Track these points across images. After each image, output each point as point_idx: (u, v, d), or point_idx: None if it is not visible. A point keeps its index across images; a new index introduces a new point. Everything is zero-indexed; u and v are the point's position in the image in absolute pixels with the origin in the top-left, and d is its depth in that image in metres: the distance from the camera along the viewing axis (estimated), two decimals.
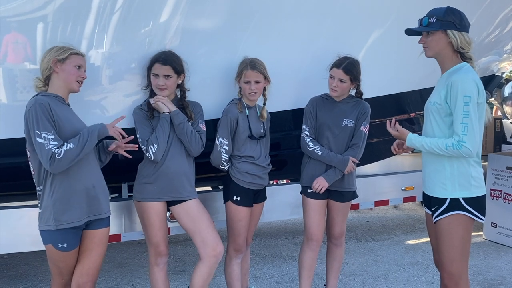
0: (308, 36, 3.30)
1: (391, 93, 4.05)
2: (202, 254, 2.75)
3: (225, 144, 2.89)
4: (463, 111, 2.27)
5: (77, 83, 2.37)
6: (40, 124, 2.19)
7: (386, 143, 4.69)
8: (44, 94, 2.32)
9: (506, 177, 4.63)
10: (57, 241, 2.27)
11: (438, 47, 2.40)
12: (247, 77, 2.86)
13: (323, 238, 3.17)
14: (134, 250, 4.61)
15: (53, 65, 2.32)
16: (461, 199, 2.36)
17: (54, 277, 2.42)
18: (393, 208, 6.29)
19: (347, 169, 2.99)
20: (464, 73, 2.32)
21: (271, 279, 3.89)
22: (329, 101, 3.08)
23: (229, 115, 2.88)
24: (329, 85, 3.00)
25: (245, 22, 3.06)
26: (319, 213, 3.11)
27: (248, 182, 2.96)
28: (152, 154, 2.65)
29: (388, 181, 4.55)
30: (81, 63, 2.38)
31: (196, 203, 2.81)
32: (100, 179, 2.44)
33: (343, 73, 2.94)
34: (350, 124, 3.02)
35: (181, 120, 2.71)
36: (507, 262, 4.21)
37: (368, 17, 3.52)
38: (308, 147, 3.04)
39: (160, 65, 2.67)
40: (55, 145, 2.18)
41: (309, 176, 3.08)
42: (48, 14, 2.60)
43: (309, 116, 3.09)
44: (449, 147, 2.31)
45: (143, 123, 2.72)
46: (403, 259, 4.32)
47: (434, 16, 2.38)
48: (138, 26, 2.80)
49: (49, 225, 2.26)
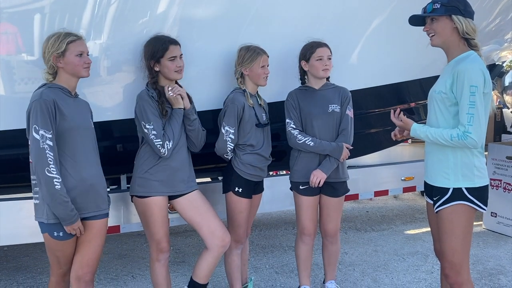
0: (307, 24, 3.26)
1: (390, 82, 4.03)
2: (210, 245, 2.71)
3: (231, 133, 2.85)
4: (469, 101, 2.23)
5: (85, 70, 2.34)
6: (40, 120, 2.17)
7: (386, 133, 4.70)
8: (51, 86, 2.30)
9: (506, 167, 4.62)
10: (52, 230, 2.26)
11: (444, 33, 2.35)
12: (264, 62, 2.87)
13: (317, 230, 3.16)
14: (134, 242, 4.61)
15: (55, 62, 2.29)
16: (464, 189, 2.35)
17: (53, 266, 2.42)
18: (392, 198, 6.29)
19: (342, 156, 2.93)
20: (471, 62, 2.28)
21: (271, 269, 3.90)
22: (308, 91, 3.03)
23: (236, 103, 2.84)
24: (318, 68, 2.93)
25: (243, 12, 3.03)
26: (312, 208, 3.08)
27: (251, 174, 2.94)
28: (166, 150, 2.58)
29: (388, 171, 4.54)
30: (82, 49, 2.33)
31: (199, 194, 2.79)
32: (98, 173, 2.41)
33: (329, 49, 2.95)
34: (337, 109, 2.97)
35: (196, 116, 2.67)
36: (506, 251, 4.22)
37: (368, 6, 3.48)
38: (298, 140, 2.95)
39: (175, 46, 2.61)
40: (49, 146, 2.17)
41: (303, 171, 3.00)
42: (45, 5, 2.58)
43: (291, 109, 3.01)
44: (454, 138, 2.28)
45: (155, 114, 2.58)
46: (402, 249, 4.33)
47: (438, 2, 2.34)
48: (135, 16, 2.77)
49: (43, 218, 2.26)
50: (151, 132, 2.57)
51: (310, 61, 2.96)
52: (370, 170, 4.40)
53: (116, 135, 3.16)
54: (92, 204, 2.35)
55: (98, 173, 2.41)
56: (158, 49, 2.59)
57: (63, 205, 2.19)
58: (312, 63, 2.95)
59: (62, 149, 2.26)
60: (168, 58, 2.59)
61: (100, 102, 2.85)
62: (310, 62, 2.96)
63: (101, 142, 2.90)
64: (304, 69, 3.02)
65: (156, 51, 2.59)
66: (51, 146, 2.18)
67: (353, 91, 3.19)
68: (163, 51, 2.59)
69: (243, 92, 2.91)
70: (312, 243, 3.16)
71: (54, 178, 2.17)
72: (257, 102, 2.98)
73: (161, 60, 2.60)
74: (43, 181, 2.18)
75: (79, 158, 2.31)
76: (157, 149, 2.58)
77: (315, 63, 2.94)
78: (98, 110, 2.68)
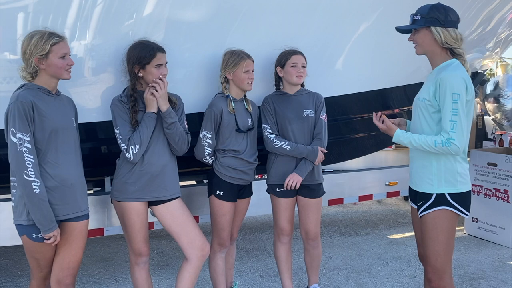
0: (295, 31, 3.28)
1: (374, 88, 4.07)
2: (190, 255, 2.68)
3: (208, 138, 2.86)
4: (452, 109, 2.28)
5: (66, 72, 2.30)
6: (17, 123, 2.14)
7: (370, 138, 4.75)
8: (30, 87, 2.26)
9: (487, 173, 4.70)
10: (31, 232, 2.22)
11: (425, 43, 2.42)
12: (247, 66, 2.86)
13: (293, 230, 3.19)
14: (117, 245, 4.55)
15: (37, 64, 2.24)
16: (447, 195, 2.38)
17: (33, 270, 2.37)
18: (376, 203, 6.34)
19: (317, 159, 2.99)
20: (452, 70, 2.33)
21: (256, 273, 3.89)
22: (284, 96, 3.08)
23: (213, 109, 2.85)
24: (292, 75, 2.99)
25: (230, 16, 3.03)
26: (289, 210, 3.12)
27: (232, 176, 2.94)
28: (132, 155, 2.53)
29: (372, 176, 4.58)
30: (65, 51, 2.28)
31: (179, 203, 2.73)
32: (79, 174, 2.38)
33: (303, 57, 3.01)
34: (311, 114, 3.03)
35: (174, 119, 2.60)
36: (487, 256, 4.29)
37: (355, 13, 3.52)
38: (274, 145, 2.99)
39: (162, 54, 2.59)
40: (27, 149, 2.13)
41: (280, 174, 3.04)
42: (29, 3, 2.54)
43: (267, 114, 3.05)
44: (438, 144, 2.31)
45: (123, 118, 2.56)
46: (386, 253, 4.37)
47: (418, 14, 2.42)
48: (121, 18, 2.75)
49: (22, 220, 2.22)
50: (118, 137, 2.57)
51: (285, 67, 3.02)
52: (355, 174, 4.44)
53: (100, 137, 3.13)
54: (72, 205, 2.31)
55: (79, 173, 2.38)
56: (145, 55, 2.54)
57: (41, 209, 2.16)
58: (287, 69, 3.01)
59: (42, 150, 2.23)
60: (154, 65, 2.56)
61: (85, 103, 2.82)
62: (285, 68, 3.02)
63: (85, 143, 2.88)
64: (280, 75, 3.07)
65: (142, 57, 2.55)
66: (30, 148, 2.15)
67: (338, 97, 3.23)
68: (150, 58, 2.55)
69: (226, 97, 2.91)
70: (290, 243, 3.20)
71: (33, 181, 2.13)
72: (244, 107, 2.98)
73: (147, 67, 2.56)
74: (21, 184, 2.14)
75: (60, 158, 2.28)
76: (124, 154, 2.57)
77: (289, 70, 3.00)
78: (82, 111, 2.65)
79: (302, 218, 3.15)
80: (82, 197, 2.37)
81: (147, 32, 2.72)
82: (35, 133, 2.20)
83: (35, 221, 2.18)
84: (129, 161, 2.58)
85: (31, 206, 2.15)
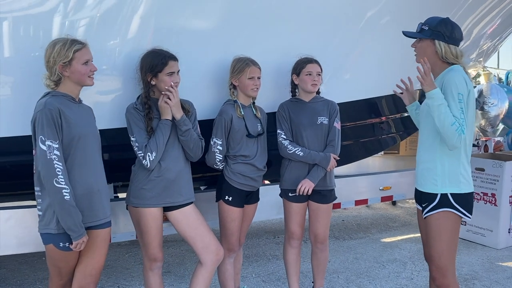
0: (294, 39, 3.38)
1: (366, 97, 4.21)
2: (205, 260, 2.72)
3: (218, 145, 2.92)
4: (459, 108, 2.40)
5: (89, 78, 2.33)
6: (46, 130, 2.15)
7: (360, 145, 4.88)
8: (55, 94, 2.28)
9: (475, 178, 4.87)
10: (58, 241, 2.23)
11: (426, 54, 2.55)
12: (252, 73, 2.92)
13: (303, 234, 3.26)
14: (115, 252, 4.54)
15: (61, 71, 2.26)
16: (450, 196, 2.50)
17: (53, 278, 2.37)
18: (365, 208, 6.48)
19: (329, 166, 3.07)
20: (456, 72, 2.47)
21: (258, 278, 3.95)
22: (299, 103, 3.16)
23: (223, 116, 2.92)
24: (307, 83, 3.07)
25: (238, 23, 3.11)
26: (300, 214, 3.19)
27: (241, 183, 2.99)
28: (149, 162, 2.57)
29: (366, 181, 4.70)
30: (87, 57, 2.31)
31: (194, 208, 2.78)
32: (104, 182, 2.41)
33: (318, 66, 3.09)
34: (325, 121, 3.11)
35: (188, 126, 2.65)
36: (477, 258, 4.45)
37: (351, 25, 3.65)
38: (288, 150, 3.07)
39: (174, 62, 2.63)
40: (57, 156, 2.15)
41: (292, 179, 3.12)
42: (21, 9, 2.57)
43: (282, 120, 3.13)
44: (454, 125, 2.37)
45: (139, 126, 2.60)
46: (381, 256, 4.48)
47: (427, 24, 2.54)
48: (129, 25, 2.80)
49: (51, 229, 2.23)
50: (135, 144, 2.60)
51: (300, 76, 3.10)
52: (352, 180, 4.55)
53: (110, 144, 3.14)
54: (100, 211, 2.34)
55: (103, 179, 2.41)
56: (158, 64, 2.59)
57: (72, 216, 2.17)
58: (302, 77, 3.09)
59: (70, 157, 2.25)
60: (166, 73, 2.60)
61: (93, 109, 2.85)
62: (300, 76, 3.10)
63: None
64: (295, 82, 3.16)
65: (155, 65, 2.59)
66: (59, 156, 2.16)
67: None
68: (162, 66, 2.59)
69: (234, 103, 2.98)
70: (300, 247, 3.27)
71: (63, 189, 2.15)
72: (252, 113, 3.05)
73: (159, 75, 2.61)
74: (52, 192, 2.15)
75: (87, 165, 2.30)
76: (141, 161, 2.60)
77: (304, 78, 3.09)
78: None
79: (312, 222, 3.22)
80: (107, 203, 2.40)
81: (160, 40, 2.78)
82: (63, 140, 2.21)
83: (66, 228, 2.18)
84: (145, 168, 2.62)
85: (62, 213, 2.16)
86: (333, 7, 3.48)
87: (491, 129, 6.29)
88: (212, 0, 2.98)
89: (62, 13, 2.64)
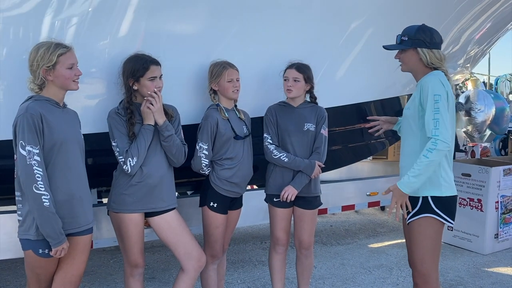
0: (281, 42, 3.38)
1: (354, 102, 4.22)
2: (187, 266, 2.69)
3: (204, 149, 2.90)
4: (434, 108, 2.41)
5: (74, 83, 2.30)
6: (26, 135, 2.11)
7: (348, 150, 4.89)
8: (38, 99, 2.24)
9: (461, 183, 4.90)
10: (38, 247, 2.19)
11: (411, 63, 2.59)
12: (230, 75, 2.90)
13: (289, 241, 3.24)
14: (100, 258, 4.49)
15: (44, 75, 2.22)
16: (430, 199, 2.52)
17: (31, 285, 2.32)
18: (354, 213, 6.48)
19: (314, 173, 3.05)
20: (432, 75, 2.51)
21: (243, 284, 3.92)
22: (287, 107, 3.14)
23: (208, 120, 2.89)
24: (284, 88, 3.08)
25: (222, 26, 3.10)
26: (286, 220, 3.17)
27: (226, 189, 2.97)
28: (130, 167, 2.55)
29: (354, 186, 4.70)
30: (72, 61, 2.27)
31: (176, 214, 2.75)
32: (86, 188, 2.37)
33: (296, 71, 3.05)
34: (312, 128, 3.09)
35: (171, 132, 2.62)
36: (463, 263, 4.46)
37: (341, 29, 3.66)
38: (273, 155, 3.06)
39: (156, 66, 2.60)
40: (37, 162, 2.11)
41: (277, 184, 3.10)
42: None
43: (269, 124, 3.12)
44: (428, 152, 2.40)
45: (121, 130, 2.58)
46: (368, 262, 4.48)
47: (406, 35, 2.57)
48: (114, 29, 2.78)
49: (30, 235, 2.19)
50: (116, 149, 2.58)
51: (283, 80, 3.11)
52: (338, 185, 4.54)
53: (92, 149, 3.11)
54: (81, 218, 2.30)
55: (86, 185, 2.38)
56: (139, 68, 2.57)
57: (51, 223, 2.13)
58: (283, 81, 3.10)
59: (51, 163, 2.21)
60: (148, 78, 2.58)
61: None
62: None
63: None
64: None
65: (136, 70, 2.57)
66: (39, 161, 2.12)
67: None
68: (144, 70, 2.57)
69: (217, 107, 2.96)
70: (285, 253, 3.24)
71: (43, 195, 2.11)
72: (236, 116, 3.04)
73: (141, 80, 2.59)
74: (31, 198, 2.11)
75: (69, 171, 2.27)
76: (122, 166, 2.58)
77: (283, 82, 3.09)
78: None
79: (297, 228, 3.20)
80: (89, 210, 2.36)
81: (143, 45, 2.76)
82: (44, 145, 2.17)
83: (45, 235, 2.14)
84: (126, 173, 2.59)
85: (41, 220, 2.12)
86: (321, 10, 3.49)
87: (478, 135, 6.33)
88: (196, 5, 2.98)
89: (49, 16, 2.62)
